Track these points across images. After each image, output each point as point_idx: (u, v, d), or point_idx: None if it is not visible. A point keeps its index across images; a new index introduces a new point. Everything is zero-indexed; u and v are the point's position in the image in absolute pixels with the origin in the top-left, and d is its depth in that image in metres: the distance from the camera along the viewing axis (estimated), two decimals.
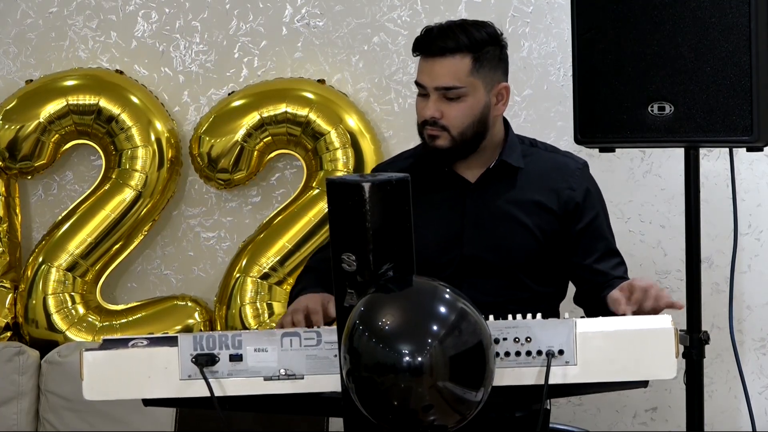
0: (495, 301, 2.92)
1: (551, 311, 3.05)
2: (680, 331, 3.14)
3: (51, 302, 4.06)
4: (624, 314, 2.66)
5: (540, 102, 4.03)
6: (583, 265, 3.03)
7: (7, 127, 4.07)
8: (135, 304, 4.15)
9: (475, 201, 3.03)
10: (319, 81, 4.07)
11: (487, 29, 2.98)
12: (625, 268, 3.08)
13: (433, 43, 2.94)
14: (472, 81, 2.94)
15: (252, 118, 4.00)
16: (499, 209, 3.02)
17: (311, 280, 3.06)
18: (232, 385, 2.52)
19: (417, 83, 2.98)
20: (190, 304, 4.10)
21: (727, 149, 3.55)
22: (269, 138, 4.01)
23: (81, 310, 4.07)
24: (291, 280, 3.95)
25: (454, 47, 2.92)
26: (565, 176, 3.06)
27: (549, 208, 3.02)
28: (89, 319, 4.06)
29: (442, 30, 2.97)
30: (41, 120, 4.06)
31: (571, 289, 3.13)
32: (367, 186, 2.28)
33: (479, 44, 2.95)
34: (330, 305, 2.79)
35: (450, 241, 3.01)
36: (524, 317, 2.47)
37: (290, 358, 2.51)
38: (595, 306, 2.92)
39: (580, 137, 3.28)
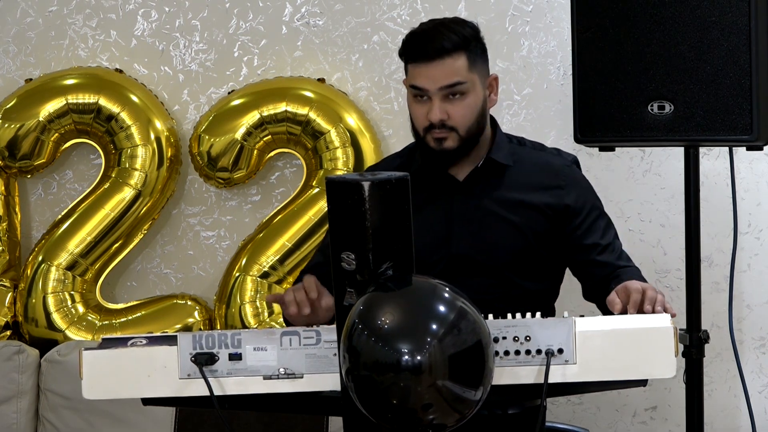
0: (484, 299, 2.91)
1: (545, 310, 3.04)
2: (680, 330, 3.15)
3: (50, 301, 4.05)
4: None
5: (540, 101, 4.02)
6: (586, 260, 3.02)
7: (6, 125, 4.07)
8: (134, 302, 4.15)
9: (462, 200, 3.03)
10: (318, 80, 4.06)
11: (469, 25, 2.99)
12: (627, 255, 3.06)
13: (428, 46, 2.93)
14: (470, 77, 2.94)
15: (252, 117, 4.00)
16: (486, 208, 3.02)
17: None
18: (231, 384, 2.52)
19: (414, 87, 2.96)
20: (189, 303, 4.10)
21: (726, 148, 3.55)
22: (269, 137, 4.01)
23: (80, 308, 4.06)
24: (291, 279, 3.95)
25: (450, 47, 2.92)
26: (553, 175, 3.05)
27: (537, 206, 3.01)
28: (89, 317, 4.06)
29: (430, 33, 2.96)
30: (41, 119, 4.05)
31: (577, 286, 3.12)
32: (366, 185, 2.28)
33: (468, 41, 2.95)
34: (325, 298, 2.78)
35: (438, 240, 3.01)
36: (523, 316, 2.47)
37: (290, 357, 2.51)
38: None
39: (580, 136, 3.28)
